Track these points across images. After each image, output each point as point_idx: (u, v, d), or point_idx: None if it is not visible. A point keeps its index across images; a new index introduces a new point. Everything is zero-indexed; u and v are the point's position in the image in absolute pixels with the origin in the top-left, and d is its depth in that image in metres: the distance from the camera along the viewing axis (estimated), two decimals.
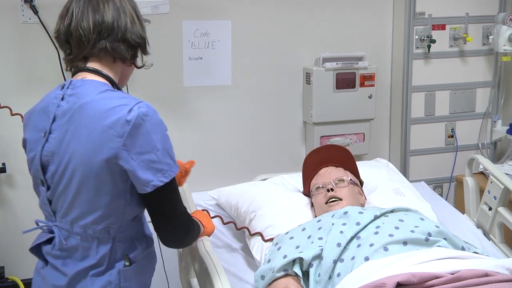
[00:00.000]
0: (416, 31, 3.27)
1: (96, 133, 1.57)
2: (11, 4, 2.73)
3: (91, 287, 1.64)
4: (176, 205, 1.67)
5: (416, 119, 3.36)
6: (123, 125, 1.56)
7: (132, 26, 1.69)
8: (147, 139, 1.58)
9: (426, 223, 2.02)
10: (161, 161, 1.59)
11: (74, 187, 1.61)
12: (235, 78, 3.13)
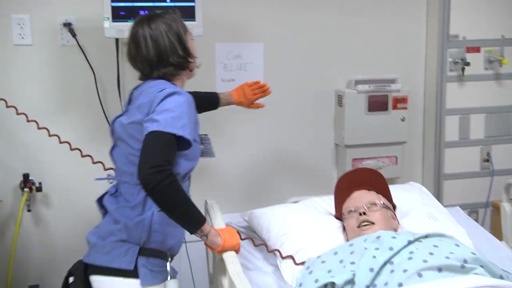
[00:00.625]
0: (449, 53, 3.25)
1: None
2: (51, 28, 2.80)
3: (130, 220, 1.95)
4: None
5: (450, 142, 3.32)
6: (156, 97, 1.95)
7: (173, 51, 2.02)
8: (177, 104, 1.93)
9: (462, 249, 1.98)
10: (176, 124, 1.90)
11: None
12: (267, 100, 3.13)
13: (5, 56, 2.78)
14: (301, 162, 3.24)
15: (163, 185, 1.78)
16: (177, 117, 1.89)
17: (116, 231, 1.96)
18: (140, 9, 2.53)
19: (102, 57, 2.87)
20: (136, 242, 1.94)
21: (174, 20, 2.06)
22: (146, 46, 2.01)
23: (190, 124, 1.92)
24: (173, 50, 2.02)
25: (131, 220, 1.95)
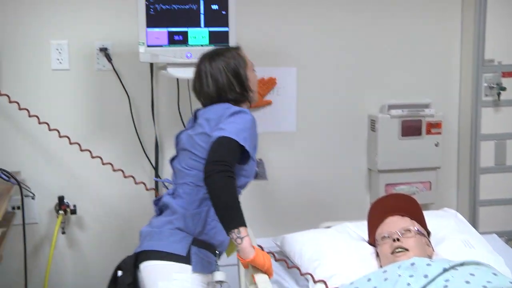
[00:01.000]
0: (485, 78, 3.21)
1: None
2: (88, 53, 2.86)
3: (188, 211, 2.12)
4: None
5: (486, 168, 3.27)
6: (228, 113, 2.13)
7: (231, 88, 2.20)
8: (243, 120, 2.12)
9: (500, 278, 1.93)
10: (239, 134, 2.06)
11: None
12: (300, 124, 3.15)
13: (43, 80, 2.84)
14: (334, 187, 3.23)
15: (220, 175, 1.91)
16: (242, 129, 2.05)
17: (174, 220, 2.13)
18: (175, 34, 2.57)
19: (136, 81, 2.91)
20: (191, 232, 2.11)
21: (234, 57, 2.22)
22: (207, 83, 2.20)
23: (251, 140, 2.08)
24: (230, 87, 2.20)
25: (189, 211, 2.12)
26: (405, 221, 2.31)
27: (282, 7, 3.04)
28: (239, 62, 2.23)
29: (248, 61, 2.27)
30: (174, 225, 2.13)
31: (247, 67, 2.25)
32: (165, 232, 2.12)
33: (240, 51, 2.28)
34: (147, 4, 2.53)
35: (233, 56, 2.23)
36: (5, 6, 2.75)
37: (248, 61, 2.27)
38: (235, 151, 2.02)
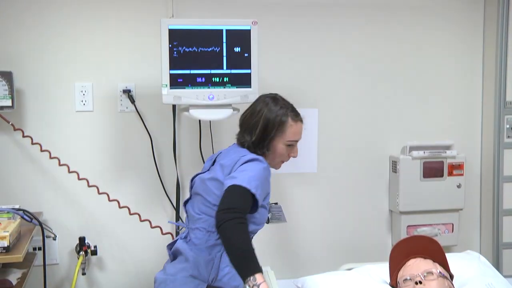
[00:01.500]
0: (507, 120, 3.20)
1: None
2: (111, 94, 2.90)
3: (201, 258, 2.17)
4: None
5: (509, 210, 3.23)
6: (242, 160, 2.20)
7: (253, 130, 2.29)
8: (255, 168, 2.18)
9: None
10: (250, 182, 2.10)
11: None
12: (321, 166, 3.15)
13: (67, 122, 2.88)
14: (355, 228, 3.21)
15: (232, 222, 1.93)
16: (253, 177, 2.10)
17: (188, 267, 2.16)
18: (198, 76, 2.61)
19: (159, 122, 2.95)
20: (205, 280, 2.16)
21: (281, 114, 2.28)
22: (248, 111, 2.34)
23: (262, 188, 2.12)
24: (253, 130, 2.28)
25: (202, 258, 2.17)
26: (427, 263, 2.28)
27: (303, 49, 3.08)
28: (278, 121, 2.27)
29: (288, 133, 2.29)
30: (188, 272, 2.16)
31: (282, 135, 2.29)
32: (179, 280, 2.15)
33: (293, 119, 2.31)
34: (170, 47, 2.57)
35: (282, 113, 2.28)
36: (31, 49, 2.82)
37: (289, 134, 2.30)
38: (246, 198, 2.05)
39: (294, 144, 2.35)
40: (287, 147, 2.32)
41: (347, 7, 3.11)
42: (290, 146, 2.33)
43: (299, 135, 2.36)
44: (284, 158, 2.37)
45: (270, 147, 2.30)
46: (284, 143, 2.30)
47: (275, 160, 2.35)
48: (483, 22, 3.26)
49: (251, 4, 2.99)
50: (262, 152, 2.29)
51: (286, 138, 2.30)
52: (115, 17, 2.88)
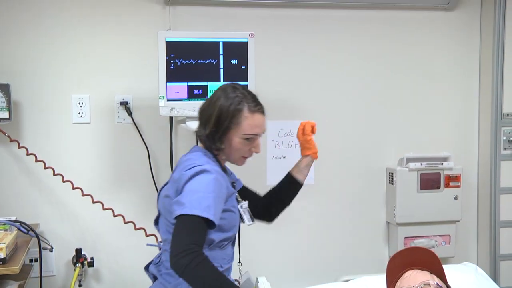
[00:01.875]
0: (503, 132, 3.21)
1: None
2: (109, 106, 2.91)
3: (173, 286, 2.03)
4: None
5: (506, 222, 3.23)
6: (183, 176, 1.98)
7: (206, 130, 2.06)
8: (199, 185, 1.94)
9: None
10: (201, 204, 1.90)
11: None
12: (318, 178, 3.15)
13: (64, 134, 2.88)
14: (352, 240, 3.20)
15: (191, 267, 1.77)
16: (203, 197, 1.90)
17: None
18: (195, 88, 2.62)
19: (156, 134, 2.95)
20: None
21: (237, 103, 2.02)
22: (206, 102, 2.11)
23: (215, 204, 1.91)
24: (207, 122, 2.06)
25: (172, 284, 2.02)
26: (424, 275, 2.28)
27: (300, 62, 3.09)
28: (232, 110, 2.02)
29: (244, 126, 2.03)
30: None
31: (237, 128, 2.03)
32: None
33: (251, 109, 2.04)
34: (167, 59, 2.58)
35: (237, 102, 2.03)
36: (28, 61, 2.83)
37: (245, 127, 2.03)
38: (199, 227, 1.88)
39: (254, 138, 2.08)
40: (245, 141, 2.06)
41: (344, 20, 3.13)
42: (249, 140, 2.07)
43: (259, 128, 2.08)
44: (245, 154, 2.11)
45: (224, 141, 2.05)
46: (240, 136, 2.04)
47: (233, 156, 2.10)
48: (479, 34, 3.28)
49: (248, 16, 3.00)
50: (217, 147, 2.06)
51: (242, 131, 2.03)
52: (112, 29, 2.90)
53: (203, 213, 1.86)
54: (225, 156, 2.11)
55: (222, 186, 1.99)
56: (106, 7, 2.88)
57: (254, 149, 2.11)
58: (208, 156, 2.08)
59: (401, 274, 2.34)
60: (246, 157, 2.13)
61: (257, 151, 2.13)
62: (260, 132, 2.09)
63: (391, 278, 2.38)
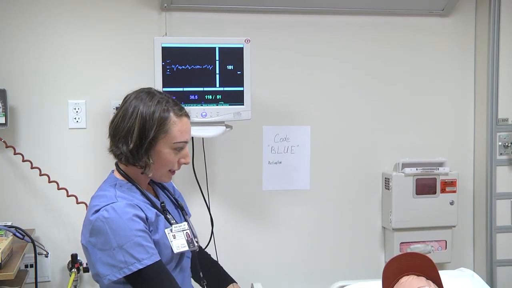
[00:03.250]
0: (499, 137, 3.22)
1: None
2: (105, 112, 2.90)
3: None
4: None
5: (502, 227, 3.24)
6: (88, 224, 1.82)
7: (129, 146, 1.87)
8: (105, 239, 1.76)
9: None
10: (116, 259, 1.75)
11: None
12: (314, 183, 3.15)
13: (60, 139, 2.88)
14: (348, 245, 3.20)
15: None
16: (111, 255, 1.76)
17: None
18: (191, 94, 2.62)
19: None
20: None
21: (161, 106, 1.86)
22: (119, 115, 1.90)
23: (126, 249, 1.75)
24: (127, 136, 1.85)
25: None
26: (420, 280, 2.27)
27: (295, 67, 3.09)
28: (157, 118, 1.83)
29: (173, 132, 1.85)
30: None
31: (166, 136, 1.85)
32: None
33: (177, 114, 1.87)
34: (163, 65, 2.59)
35: (161, 108, 1.85)
36: (25, 67, 2.83)
37: (175, 133, 1.86)
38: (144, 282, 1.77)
39: (183, 146, 1.90)
40: (174, 151, 1.88)
41: (339, 27, 3.13)
42: (179, 150, 1.90)
43: (188, 134, 1.91)
44: (173, 167, 1.92)
45: (152, 154, 1.86)
46: (170, 146, 1.86)
47: (162, 171, 1.91)
48: (474, 40, 3.29)
49: (244, 22, 3.01)
50: (144, 163, 1.86)
51: (172, 140, 1.86)
52: (108, 35, 2.90)
53: (119, 273, 1.76)
54: (151, 173, 1.90)
55: (129, 218, 1.78)
56: (102, 13, 2.89)
57: (184, 159, 1.93)
58: (121, 184, 1.91)
59: (397, 279, 2.33)
60: (174, 170, 1.95)
61: (186, 162, 1.94)
62: (189, 139, 1.93)
63: (387, 284, 2.38)
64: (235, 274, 2.30)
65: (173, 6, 2.90)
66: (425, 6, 3.16)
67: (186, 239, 1.93)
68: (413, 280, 2.28)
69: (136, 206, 1.82)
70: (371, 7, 3.10)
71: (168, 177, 1.97)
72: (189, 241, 1.93)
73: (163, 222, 1.91)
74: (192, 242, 1.94)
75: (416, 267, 2.35)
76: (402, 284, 2.29)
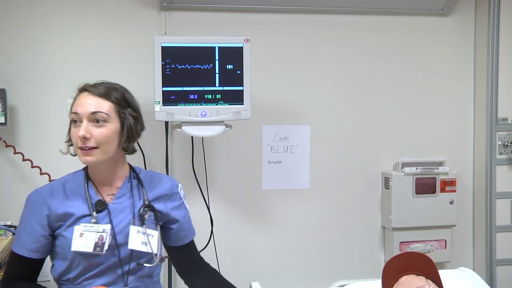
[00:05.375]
0: (499, 136, 3.22)
1: None
2: None
3: None
4: None
5: (502, 226, 3.24)
6: None
7: None
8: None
9: None
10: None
11: None
12: (313, 182, 3.15)
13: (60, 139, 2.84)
14: (348, 245, 3.20)
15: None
16: (17, 231, 1.99)
17: None
18: (190, 93, 2.62)
19: (151, 139, 2.94)
20: None
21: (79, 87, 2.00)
22: None
23: (24, 235, 1.96)
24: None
25: None
26: (420, 280, 2.27)
27: (295, 67, 3.09)
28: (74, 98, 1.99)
29: (72, 107, 1.96)
30: None
31: (71, 113, 1.96)
32: None
33: (80, 89, 2.00)
34: (163, 64, 2.59)
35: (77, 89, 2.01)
36: (24, 66, 2.83)
37: (72, 107, 1.96)
38: (12, 261, 1.99)
39: (77, 119, 1.94)
40: (74, 124, 1.95)
41: (339, 26, 3.13)
42: (75, 123, 1.94)
43: (80, 107, 1.94)
44: (77, 143, 1.93)
45: (70, 132, 2.00)
46: (71, 120, 1.97)
47: (76, 151, 1.97)
48: (473, 39, 3.29)
49: (244, 21, 3.01)
50: (69, 142, 2.02)
51: (72, 111, 1.95)
52: (108, 34, 2.90)
53: (14, 247, 1.96)
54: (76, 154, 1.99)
55: (33, 207, 1.96)
56: (102, 12, 2.89)
57: (80, 132, 1.91)
58: (75, 174, 2.08)
59: (397, 279, 2.33)
60: (80, 147, 1.93)
61: (80, 135, 1.90)
62: (82, 112, 1.92)
63: (387, 283, 2.38)
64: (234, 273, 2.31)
65: (172, 5, 2.90)
66: (425, 5, 3.16)
67: (96, 241, 1.90)
68: (413, 279, 2.28)
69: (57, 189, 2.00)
70: (371, 6, 3.10)
71: (81, 156, 1.95)
72: (98, 244, 1.90)
73: (86, 219, 1.94)
74: (101, 247, 1.90)
75: (415, 267, 2.35)
76: (402, 283, 2.29)
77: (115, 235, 1.95)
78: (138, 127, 2.07)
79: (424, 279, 2.29)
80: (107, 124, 1.95)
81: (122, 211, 2.01)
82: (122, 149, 2.03)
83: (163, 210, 2.09)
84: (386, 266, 2.43)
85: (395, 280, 2.34)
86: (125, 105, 2.02)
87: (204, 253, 2.90)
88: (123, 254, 1.96)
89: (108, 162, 1.99)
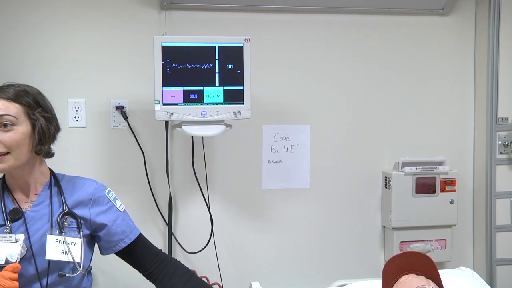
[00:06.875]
0: (499, 136, 3.22)
1: None
2: (104, 111, 2.91)
3: None
4: None
5: (502, 226, 3.24)
6: None
7: None
8: None
9: None
10: None
11: None
12: (314, 182, 3.15)
13: (60, 138, 2.87)
14: (348, 244, 3.20)
15: None
16: None
17: None
18: (190, 93, 2.62)
19: (152, 139, 2.95)
20: None
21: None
22: None
23: None
24: None
25: None
26: (420, 279, 2.28)
27: (295, 66, 3.09)
28: None
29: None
30: None
31: None
32: None
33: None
34: (163, 64, 2.59)
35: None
36: (24, 65, 2.83)
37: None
38: None
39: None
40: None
41: (339, 26, 3.13)
42: None
43: None
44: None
45: None
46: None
47: None
48: (474, 39, 3.29)
49: (244, 21, 3.01)
50: None
51: None
52: (108, 34, 2.90)
53: None
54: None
55: None
56: (102, 12, 2.89)
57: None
58: None
59: (397, 278, 2.33)
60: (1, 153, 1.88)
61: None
62: None
63: (387, 283, 2.38)
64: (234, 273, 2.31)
65: (172, 5, 2.90)
66: (425, 5, 3.16)
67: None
68: (413, 279, 2.29)
69: None
70: (371, 6, 3.10)
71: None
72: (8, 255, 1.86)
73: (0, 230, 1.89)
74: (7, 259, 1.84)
75: (415, 266, 2.35)
76: (402, 283, 2.29)
77: (31, 245, 1.90)
78: (52, 128, 2.00)
79: (424, 278, 2.29)
80: (15, 128, 1.90)
81: (39, 220, 1.96)
82: (35, 152, 1.96)
83: (87, 216, 2.03)
84: (386, 265, 2.43)
85: (395, 279, 2.34)
86: (35, 106, 1.96)
87: (204, 253, 2.92)
88: (40, 266, 1.90)
89: (23, 168, 1.94)
